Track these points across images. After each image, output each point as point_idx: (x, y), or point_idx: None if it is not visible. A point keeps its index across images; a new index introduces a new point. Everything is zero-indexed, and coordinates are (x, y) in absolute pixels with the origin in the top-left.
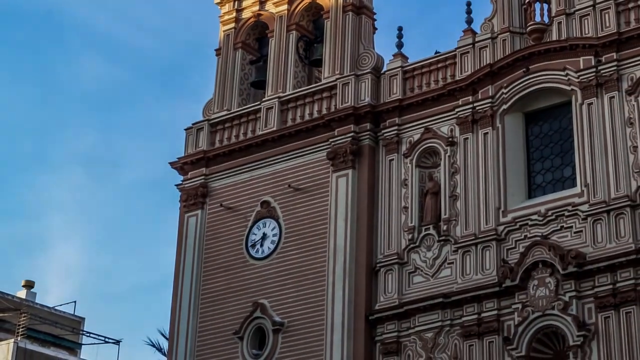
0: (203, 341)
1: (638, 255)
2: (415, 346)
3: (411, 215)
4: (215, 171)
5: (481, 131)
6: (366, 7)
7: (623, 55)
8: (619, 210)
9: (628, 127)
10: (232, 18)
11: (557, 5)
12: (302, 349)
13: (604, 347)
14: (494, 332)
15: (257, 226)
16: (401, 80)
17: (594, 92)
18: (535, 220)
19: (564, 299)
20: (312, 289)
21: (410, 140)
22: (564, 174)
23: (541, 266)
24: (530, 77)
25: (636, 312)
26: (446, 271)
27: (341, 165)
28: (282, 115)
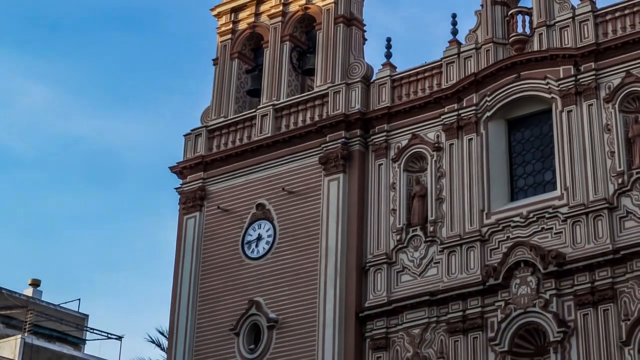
0: (201, 337)
1: (615, 256)
2: (403, 342)
3: (399, 217)
4: (213, 175)
5: (466, 137)
6: (356, 19)
7: (601, 65)
8: (597, 212)
9: (606, 133)
10: (229, 29)
11: (538, 17)
12: (296, 345)
13: (583, 343)
14: (478, 328)
15: (252, 227)
16: (390, 88)
17: (573, 100)
18: (518, 222)
19: (545, 297)
20: (305, 288)
21: (399, 145)
22: (544, 177)
23: (523, 266)
24: (512, 85)
25: (613, 309)
26: (432, 270)
27: (332, 170)
28: (277, 122)
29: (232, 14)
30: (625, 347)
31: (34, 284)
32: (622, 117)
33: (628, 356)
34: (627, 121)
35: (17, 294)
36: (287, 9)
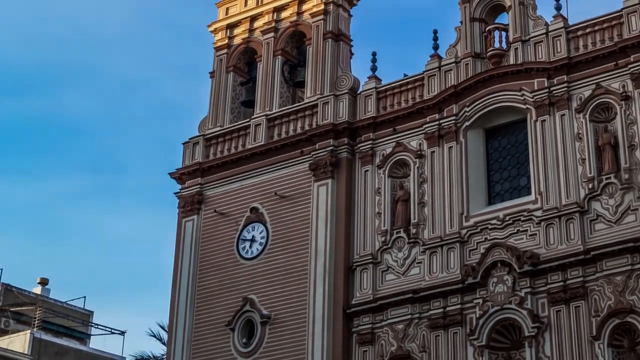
0: (198, 332)
1: (586, 256)
2: (387, 337)
3: (384, 220)
4: (210, 181)
5: (446, 145)
6: (344, 35)
7: (573, 78)
8: (569, 215)
9: (577, 142)
10: (225, 44)
11: (513, 32)
12: (287, 339)
13: (556, 338)
14: (458, 324)
15: (246, 230)
16: (375, 99)
17: (547, 110)
18: (495, 225)
19: (520, 295)
20: (295, 286)
21: (383, 153)
22: (520, 183)
23: (500, 265)
24: (489, 96)
25: (584, 306)
26: (415, 270)
27: (322, 176)
28: (269, 131)
29: (228, 30)
30: (596, 342)
31: (42, 283)
32: (592, 127)
33: (598, 350)
34: (597, 130)
35: (27, 292)
36: (279, 25)
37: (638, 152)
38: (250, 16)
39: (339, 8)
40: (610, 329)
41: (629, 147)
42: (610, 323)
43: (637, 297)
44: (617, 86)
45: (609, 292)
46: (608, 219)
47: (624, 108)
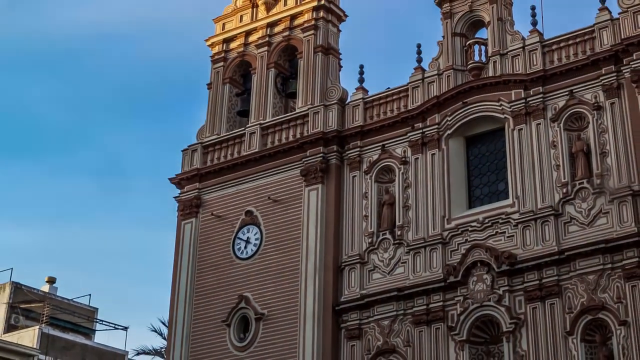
0: (197, 328)
1: (560, 256)
2: (374, 332)
3: (371, 223)
4: (207, 185)
5: (429, 152)
6: (333, 49)
7: (548, 89)
8: (544, 218)
9: (552, 149)
10: (221, 57)
11: (492, 46)
12: (280, 335)
13: (532, 333)
14: (440, 320)
15: (242, 231)
16: (362, 109)
17: (523, 119)
18: (475, 227)
19: (499, 293)
20: (288, 284)
21: (370, 159)
22: (498, 187)
23: (479, 265)
24: (470, 107)
25: (559, 303)
26: (400, 269)
27: (312, 181)
28: (263, 139)
29: (224, 44)
30: (569, 337)
31: (50, 281)
32: (566, 135)
33: (571, 345)
34: (570, 138)
35: (36, 290)
36: (272, 39)
37: (609, 159)
38: (245, 31)
39: (328, 24)
40: (583, 324)
41: (600, 154)
42: (583, 319)
43: (609, 295)
44: (590, 97)
45: (582, 290)
46: (581, 222)
47: (596, 117)
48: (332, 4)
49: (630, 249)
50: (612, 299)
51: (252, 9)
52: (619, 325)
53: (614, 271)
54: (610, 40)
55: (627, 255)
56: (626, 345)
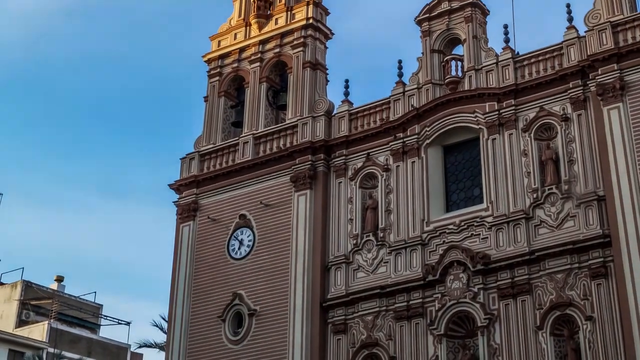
0: (194, 323)
1: (531, 257)
2: (358, 327)
3: (355, 225)
4: (204, 191)
5: (409, 160)
6: (320, 64)
7: (519, 102)
8: (516, 221)
9: (523, 157)
10: (217, 72)
11: (468, 62)
12: (271, 329)
13: (505, 328)
14: (419, 316)
15: (236, 233)
16: (347, 120)
17: (497, 130)
18: (452, 229)
19: (474, 290)
20: (279, 282)
21: (355, 167)
22: (473, 193)
23: (456, 265)
24: (447, 118)
25: (529, 300)
26: (382, 268)
27: (301, 187)
28: (256, 148)
29: (220, 60)
30: (539, 331)
31: (58, 280)
32: (536, 144)
33: (541, 338)
34: (540, 147)
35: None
36: (264, 55)
37: (576, 166)
38: (239, 48)
39: (316, 41)
40: (552, 320)
41: (568, 162)
42: (552, 315)
43: (576, 293)
44: (558, 109)
45: (551, 287)
46: (550, 224)
47: (564, 128)
48: (320, 23)
49: (596, 249)
50: (579, 296)
51: (246, 28)
52: (585, 321)
53: (581, 270)
54: (577, 57)
55: (592, 255)
56: (592, 339)
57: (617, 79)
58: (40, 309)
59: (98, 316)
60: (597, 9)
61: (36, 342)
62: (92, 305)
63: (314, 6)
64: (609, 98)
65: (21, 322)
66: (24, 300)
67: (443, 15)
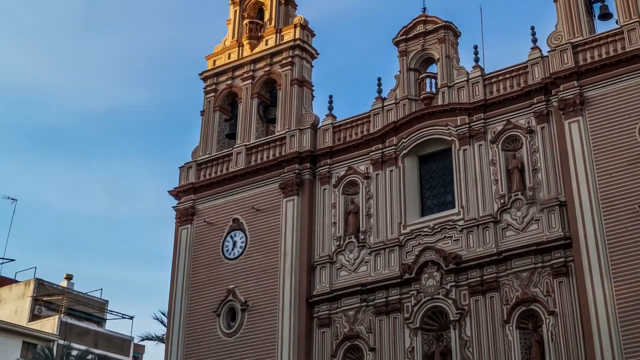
0: (192, 317)
1: (499, 257)
2: (341, 321)
3: (338, 228)
4: (200, 197)
5: (388, 169)
6: (307, 82)
7: (488, 115)
8: (485, 224)
9: (492, 166)
10: (212, 89)
11: (441, 80)
12: (262, 323)
13: (475, 322)
14: (397, 310)
15: (229, 236)
16: (332, 133)
17: (467, 141)
18: (426, 232)
19: (446, 287)
20: (268, 280)
21: (338, 175)
22: (446, 199)
23: (430, 264)
24: (422, 130)
25: (497, 297)
26: (363, 267)
27: (289, 193)
28: (248, 158)
29: (215, 77)
30: (506, 325)
31: (67, 278)
32: (503, 154)
33: (508, 331)
34: (507, 157)
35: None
36: (256, 73)
37: (540, 174)
38: (232, 66)
39: (302, 60)
40: (518, 314)
41: (532, 171)
42: (518, 310)
43: (539, 290)
44: (523, 122)
45: (517, 285)
46: (516, 227)
47: (528, 139)
48: (306, 43)
49: (558, 250)
50: (542, 293)
51: (239, 48)
52: (548, 315)
53: (544, 269)
54: (540, 75)
55: (554, 256)
56: (554, 332)
57: (577, 94)
58: (51, 304)
59: (104, 311)
60: (559, 31)
61: (47, 335)
62: (98, 301)
63: (301, 28)
64: (569, 112)
65: (34, 316)
66: (36, 297)
67: (418, 37)
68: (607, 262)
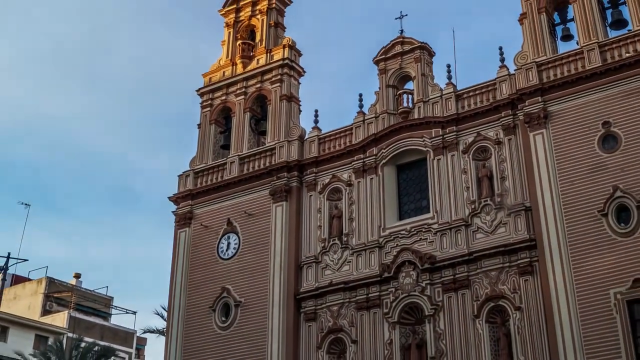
0: (189, 312)
1: (470, 257)
2: (326, 315)
3: (323, 231)
4: (197, 202)
5: (368, 177)
6: (294, 97)
7: (460, 128)
8: (457, 227)
9: (463, 174)
10: (208, 104)
11: (417, 95)
12: (253, 317)
13: (448, 316)
14: (377, 306)
15: (224, 238)
16: (317, 144)
17: (441, 151)
18: (404, 234)
19: (422, 285)
20: (260, 278)
21: (323, 182)
22: (422, 204)
23: (407, 264)
24: (400, 141)
25: (468, 293)
26: (346, 267)
27: (278, 199)
28: (240, 167)
29: (210, 93)
30: (477, 319)
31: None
32: (474, 164)
33: (478, 325)
34: (477, 166)
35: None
36: (248, 90)
37: (507, 182)
38: (227, 83)
39: (291, 77)
40: (487, 310)
41: (500, 179)
42: (487, 306)
43: (507, 287)
44: (492, 134)
45: (486, 283)
46: (485, 230)
47: (497, 150)
48: (294, 62)
49: (524, 251)
50: (510, 290)
51: (232, 66)
52: (515, 310)
53: (511, 268)
54: (508, 91)
55: (521, 256)
56: (520, 326)
57: (541, 109)
58: (61, 300)
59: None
60: (525, 51)
61: (58, 328)
62: (104, 297)
63: (289, 49)
64: (534, 125)
65: (45, 311)
66: (47, 294)
67: (396, 57)
68: (569, 261)
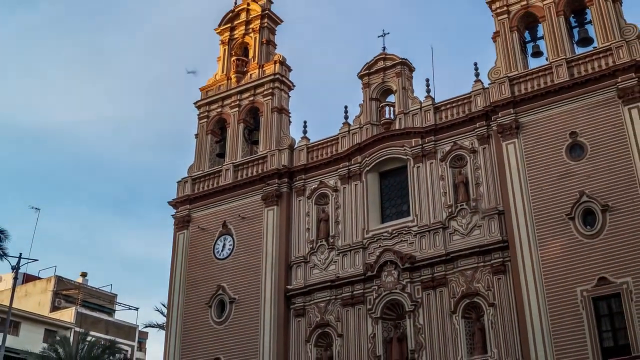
0: (187, 308)
1: (447, 257)
2: (314, 311)
3: (311, 233)
4: (195, 207)
5: (353, 183)
6: (285, 109)
7: (438, 138)
8: (435, 230)
9: (441, 181)
10: (205, 115)
11: (398, 108)
12: (247, 313)
13: (426, 312)
14: (361, 303)
15: (220, 239)
16: (306, 153)
17: (420, 160)
18: (386, 236)
19: (403, 283)
20: (253, 277)
21: (311, 188)
22: (403, 208)
23: (389, 264)
24: (382, 150)
25: (445, 291)
26: (332, 266)
27: (270, 204)
28: (235, 174)
29: (207, 105)
30: (453, 315)
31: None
32: (451, 171)
33: (455, 321)
34: (454, 173)
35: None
36: (242, 102)
37: (482, 188)
38: (222, 97)
39: (281, 91)
40: (463, 306)
41: (475, 185)
42: (463, 302)
43: (481, 285)
44: (468, 144)
45: (462, 281)
46: (461, 233)
47: (472, 158)
48: (284, 77)
49: (497, 252)
50: (484, 288)
51: (227, 81)
52: (489, 307)
53: (485, 268)
54: (482, 103)
55: (494, 256)
56: (494, 321)
57: (513, 120)
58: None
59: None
60: (498, 67)
61: (66, 323)
62: (109, 294)
63: (280, 64)
64: (507, 135)
65: (54, 307)
66: (56, 291)
67: (379, 72)
68: (539, 262)
